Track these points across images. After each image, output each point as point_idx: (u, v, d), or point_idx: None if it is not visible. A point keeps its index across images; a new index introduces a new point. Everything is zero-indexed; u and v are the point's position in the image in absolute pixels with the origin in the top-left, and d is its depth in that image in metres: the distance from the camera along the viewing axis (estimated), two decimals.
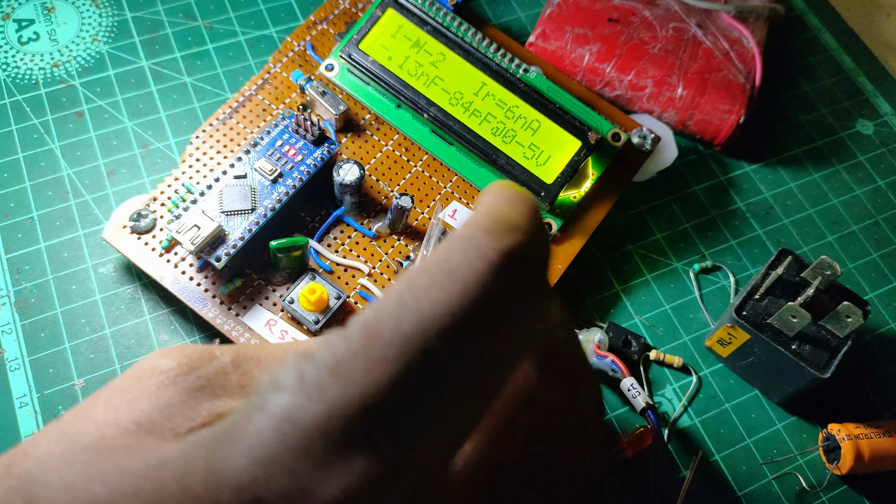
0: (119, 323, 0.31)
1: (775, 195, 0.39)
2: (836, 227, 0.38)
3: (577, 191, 0.35)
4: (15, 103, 0.36)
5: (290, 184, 0.31)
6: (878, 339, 0.36)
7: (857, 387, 0.34)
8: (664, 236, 0.37)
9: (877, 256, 0.38)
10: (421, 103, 0.34)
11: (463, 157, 0.35)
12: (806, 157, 0.40)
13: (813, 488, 0.31)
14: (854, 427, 0.31)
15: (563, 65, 0.39)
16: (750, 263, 0.37)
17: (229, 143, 0.34)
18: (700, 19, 0.40)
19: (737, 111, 0.37)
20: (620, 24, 0.39)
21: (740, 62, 0.39)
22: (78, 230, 0.33)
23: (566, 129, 0.34)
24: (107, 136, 0.36)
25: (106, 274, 0.32)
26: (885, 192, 0.40)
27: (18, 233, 0.33)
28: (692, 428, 0.32)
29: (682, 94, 0.38)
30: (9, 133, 0.35)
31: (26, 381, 0.30)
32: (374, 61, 0.35)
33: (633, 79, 0.38)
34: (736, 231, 0.37)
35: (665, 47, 0.39)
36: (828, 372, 0.30)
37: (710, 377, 0.34)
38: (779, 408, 0.33)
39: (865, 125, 0.42)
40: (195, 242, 0.29)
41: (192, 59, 0.38)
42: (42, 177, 0.34)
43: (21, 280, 0.32)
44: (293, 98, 0.35)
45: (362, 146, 0.35)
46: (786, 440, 0.33)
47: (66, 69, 0.37)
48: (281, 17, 0.40)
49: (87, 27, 0.38)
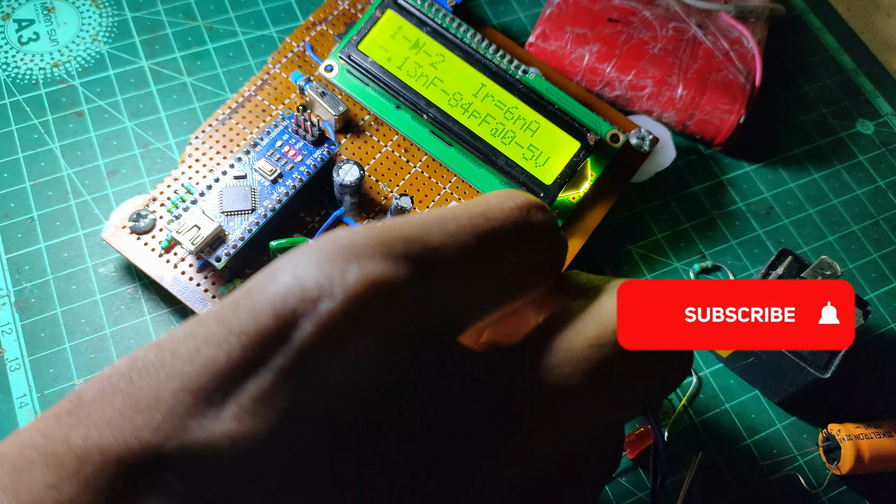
0: (119, 323, 0.31)
1: (775, 195, 0.39)
2: (836, 227, 0.38)
3: (576, 192, 0.35)
4: (15, 103, 0.36)
5: (290, 184, 0.31)
6: (878, 339, 0.36)
7: (857, 387, 0.34)
8: (664, 236, 0.37)
9: (877, 256, 0.38)
10: (420, 104, 0.34)
11: (462, 158, 0.35)
12: (806, 157, 0.40)
13: (813, 488, 0.31)
14: (854, 427, 0.31)
15: (562, 65, 0.39)
16: (750, 263, 0.37)
17: (229, 144, 0.34)
18: (700, 19, 0.40)
19: (737, 111, 0.37)
20: (620, 24, 0.39)
21: (740, 62, 0.39)
22: (78, 230, 0.33)
23: (565, 130, 0.34)
24: (107, 136, 0.36)
25: (106, 274, 0.32)
26: (885, 192, 0.40)
27: (18, 233, 0.33)
28: (692, 428, 0.32)
29: (681, 94, 0.38)
30: (9, 133, 0.35)
31: (26, 381, 0.30)
32: (373, 62, 0.35)
33: (632, 79, 0.38)
34: (736, 231, 0.37)
35: (665, 47, 0.39)
36: (828, 372, 0.30)
37: (710, 377, 0.34)
38: (779, 408, 0.33)
39: (865, 125, 0.42)
40: (195, 242, 0.29)
41: (192, 59, 0.38)
42: (42, 177, 0.34)
43: (21, 280, 0.32)
44: (293, 99, 0.35)
45: (362, 147, 0.35)
46: (786, 440, 0.33)
47: (66, 69, 0.37)
48: (281, 17, 0.40)
49: (87, 27, 0.38)
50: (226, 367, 0.11)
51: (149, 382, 0.11)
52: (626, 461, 0.31)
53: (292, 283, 0.11)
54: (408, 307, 0.12)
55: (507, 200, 0.14)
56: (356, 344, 0.11)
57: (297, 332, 0.11)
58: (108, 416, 0.11)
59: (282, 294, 0.11)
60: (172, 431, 0.10)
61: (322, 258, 0.12)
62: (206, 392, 0.11)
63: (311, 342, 0.11)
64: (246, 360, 0.11)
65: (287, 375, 0.11)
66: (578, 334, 0.14)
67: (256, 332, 0.11)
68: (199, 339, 0.11)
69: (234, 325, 0.11)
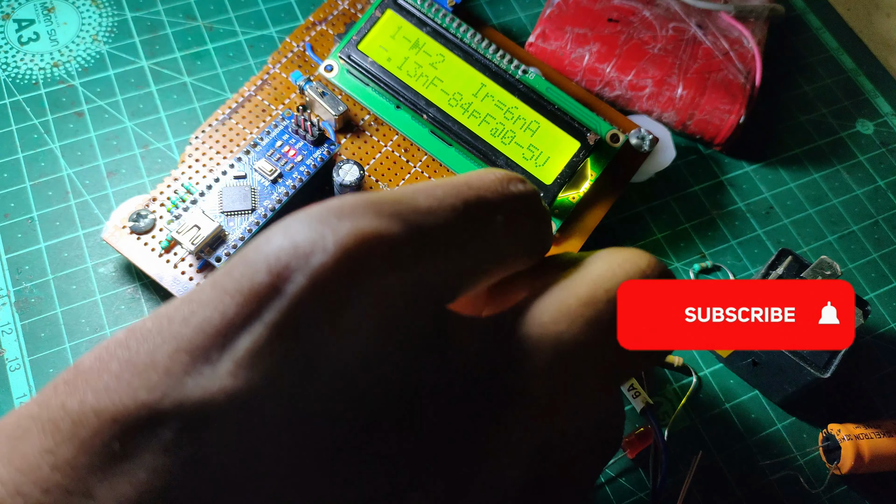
0: (119, 323, 0.31)
1: (775, 195, 0.39)
2: (836, 227, 0.38)
3: (575, 191, 0.35)
4: (15, 103, 0.36)
5: (290, 184, 0.31)
6: (878, 339, 0.36)
7: (857, 387, 0.34)
8: (664, 236, 0.37)
9: (877, 256, 0.38)
10: (420, 104, 0.34)
11: (462, 158, 0.35)
12: (806, 157, 0.40)
13: (813, 488, 0.31)
14: (854, 427, 0.31)
15: (562, 65, 0.39)
16: (750, 263, 0.37)
17: (229, 144, 0.34)
18: (700, 19, 0.40)
19: (737, 111, 0.37)
20: (620, 24, 0.39)
21: (740, 62, 0.39)
22: (78, 230, 0.33)
23: (565, 130, 0.34)
24: (107, 136, 0.36)
25: (106, 274, 0.32)
26: (885, 192, 0.40)
27: (18, 233, 0.33)
28: (692, 428, 0.32)
29: (681, 94, 0.38)
30: (9, 133, 0.35)
31: (26, 381, 0.30)
32: (373, 62, 0.35)
33: (632, 79, 0.38)
34: (736, 231, 0.37)
35: (665, 47, 0.39)
36: (828, 372, 0.30)
37: (710, 377, 0.34)
38: (779, 408, 0.33)
39: (865, 125, 0.42)
40: (195, 242, 0.29)
41: (192, 59, 0.38)
42: (42, 177, 0.34)
43: (21, 280, 0.32)
44: (293, 99, 0.35)
45: (362, 147, 0.35)
46: (786, 440, 0.33)
47: (66, 69, 0.37)
48: (281, 17, 0.40)
49: (87, 27, 0.38)
50: (221, 326, 0.11)
51: (146, 347, 0.11)
52: (626, 461, 0.31)
53: (285, 242, 0.11)
54: (401, 267, 0.12)
55: (486, 173, 0.15)
56: (351, 298, 0.11)
57: (290, 284, 0.11)
58: (104, 381, 0.11)
59: (275, 252, 0.11)
60: (168, 390, 0.10)
61: (314, 219, 0.12)
62: (203, 350, 0.11)
63: (304, 294, 0.11)
64: (240, 316, 0.11)
65: (281, 328, 0.11)
66: (570, 294, 0.14)
67: (250, 289, 0.11)
68: (195, 303, 0.11)
69: (228, 285, 0.11)
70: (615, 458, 0.31)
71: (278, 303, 0.11)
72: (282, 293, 0.11)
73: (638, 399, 0.31)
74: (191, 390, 0.10)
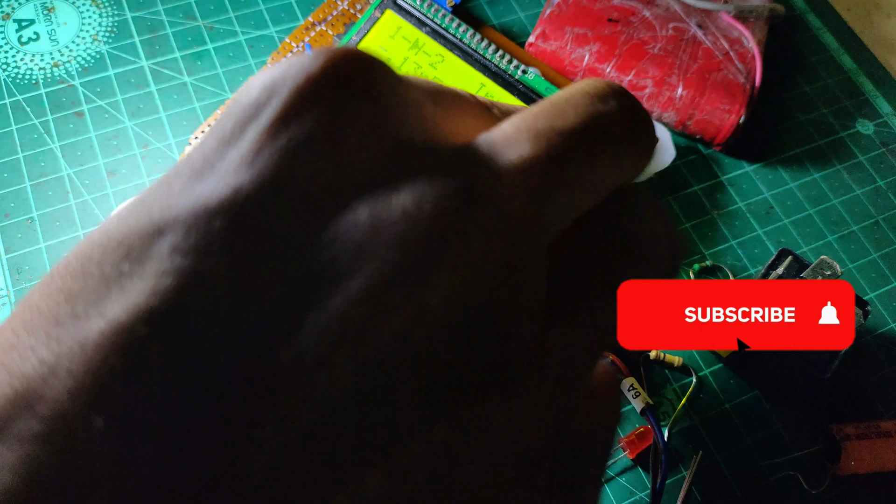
0: None
1: (775, 195, 0.39)
2: (836, 227, 0.38)
3: None
4: (15, 103, 0.36)
5: None
6: (878, 339, 0.36)
7: (857, 387, 0.34)
8: None
9: (877, 256, 0.38)
10: None
11: None
12: (806, 157, 0.40)
13: (813, 488, 0.31)
14: (854, 427, 0.31)
15: (562, 65, 0.39)
16: (750, 263, 0.37)
17: None
18: (700, 19, 0.40)
19: (737, 111, 0.37)
20: (620, 24, 0.39)
21: (740, 62, 0.39)
22: (78, 230, 0.33)
23: None
24: (107, 136, 0.36)
25: None
26: (885, 192, 0.40)
27: (18, 233, 0.33)
28: (692, 428, 0.32)
29: (681, 94, 0.38)
30: (9, 133, 0.35)
31: None
32: None
33: (632, 79, 0.38)
34: (736, 231, 0.37)
35: (665, 47, 0.39)
36: (828, 372, 0.30)
37: (710, 377, 0.34)
38: (779, 408, 0.33)
39: (865, 125, 0.42)
40: None
41: (192, 59, 0.38)
42: (42, 177, 0.34)
43: (21, 280, 0.32)
44: None
45: None
46: (786, 440, 0.33)
47: (66, 69, 0.37)
48: (281, 17, 0.40)
49: (87, 27, 0.38)
50: (221, 139, 0.11)
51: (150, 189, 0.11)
52: (626, 461, 0.31)
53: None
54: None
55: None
56: None
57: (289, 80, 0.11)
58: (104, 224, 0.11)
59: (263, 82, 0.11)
60: (169, 202, 0.10)
61: None
62: (205, 163, 0.11)
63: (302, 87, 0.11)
64: (238, 125, 0.11)
65: (281, 118, 0.10)
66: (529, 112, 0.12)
67: (249, 102, 0.11)
68: (204, 136, 0.11)
69: (225, 113, 0.11)
70: (615, 458, 0.31)
71: (276, 99, 0.11)
72: (279, 92, 0.11)
73: (638, 399, 0.31)
74: (191, 202, 0.10)
